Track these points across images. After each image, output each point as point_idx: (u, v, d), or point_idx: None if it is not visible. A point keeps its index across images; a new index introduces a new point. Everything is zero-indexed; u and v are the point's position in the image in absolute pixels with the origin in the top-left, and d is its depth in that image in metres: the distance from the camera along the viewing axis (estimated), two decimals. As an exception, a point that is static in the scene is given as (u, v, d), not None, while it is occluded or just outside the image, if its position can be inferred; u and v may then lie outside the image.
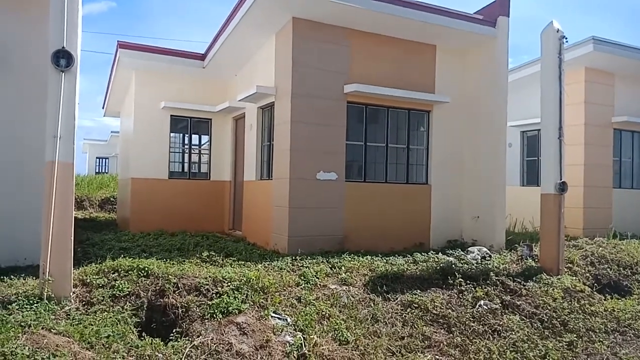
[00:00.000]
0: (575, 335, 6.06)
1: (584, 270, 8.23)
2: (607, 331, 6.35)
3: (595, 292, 7.48)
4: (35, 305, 4.93)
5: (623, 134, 12.86)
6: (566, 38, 8.21)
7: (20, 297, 5.05)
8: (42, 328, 4.49)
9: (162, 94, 12.12)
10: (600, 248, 9.20)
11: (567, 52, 9.50)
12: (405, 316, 6.08)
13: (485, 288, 6.89)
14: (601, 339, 6.06)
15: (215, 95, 12.66)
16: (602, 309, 6.89)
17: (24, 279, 5.88)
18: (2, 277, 5.96)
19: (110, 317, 5.05)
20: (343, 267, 7.23)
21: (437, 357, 5.39)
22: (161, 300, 5.64)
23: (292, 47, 8.71)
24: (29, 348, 4.07)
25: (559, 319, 6.39)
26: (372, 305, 6.23)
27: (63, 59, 5.28)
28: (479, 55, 10.20)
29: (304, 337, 5.19)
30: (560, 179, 8.00)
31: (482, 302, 6.56)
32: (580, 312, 6.68)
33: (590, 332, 6.21)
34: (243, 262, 7.50)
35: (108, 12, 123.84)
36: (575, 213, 11.47)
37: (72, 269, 5.42)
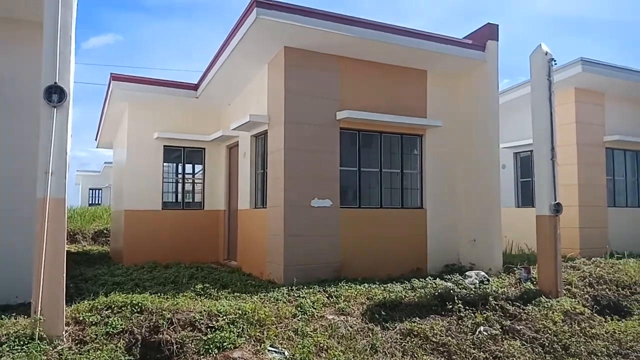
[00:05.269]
0: (577, 359, 5.98)
1: (582, 292, 8.15)
2: (610, 354, 6.27)
3: (595, 314, 7.42)
4: (26, 345, 4.82)
5: (615, 153, 12.95)
6: (555, 60, 8.33)
7: (11, 338, 4.93)
8: (33, 370, 4.38)
9: (155, 124, 12.12)
10: (598, 268, 9.15)
11: (557, 74, 9.60)
12: (404, 345, 5.98)
13: (484, 313, 6.82)
14: (604, 363, 5.99)
15: (209, 125, 12.68)
16: (603, 331, 6.82)
17: (15, 319, 5.73)
18: (-8, 317, 5.84)
19: (104, 356, 4.94)
20: (340, 296, 7.14)
21: (438, 387, 5.29)
22: (155, 336, 5.52)
23: (284, 75, 8.76)
24: (19, 392, 3.96)
25: (560, 343, 6.32)
26: (371, 335, 6.13)
27: (55, 94, 5.28)
28: (470, 79, 10.29)
29: (302, 371, 5.09)
30: (555, 200, 7.99)
31: (481, 327, 6.49)
32: (581, 335, 6.61)
33: (592, 356, 6.13)
34: (238, 294, 7.38)
35: (114, 44, 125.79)
36: (571, 233, 11.42)
37: (65, 307, 5.32)
